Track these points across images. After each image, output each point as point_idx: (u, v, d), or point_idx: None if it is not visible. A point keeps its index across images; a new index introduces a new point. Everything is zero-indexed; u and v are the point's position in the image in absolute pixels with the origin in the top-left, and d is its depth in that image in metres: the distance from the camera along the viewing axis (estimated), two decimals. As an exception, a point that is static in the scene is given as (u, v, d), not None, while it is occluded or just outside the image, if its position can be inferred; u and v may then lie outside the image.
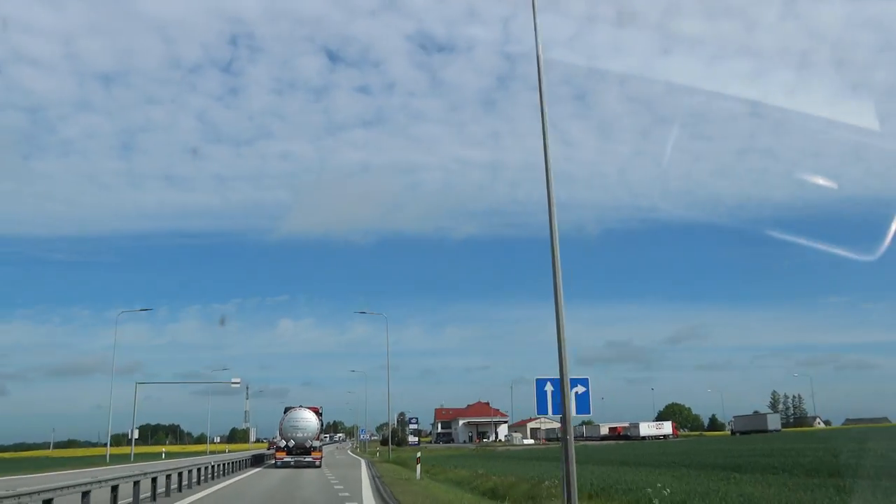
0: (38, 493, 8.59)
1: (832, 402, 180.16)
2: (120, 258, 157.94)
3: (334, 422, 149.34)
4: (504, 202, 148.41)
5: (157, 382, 52.48)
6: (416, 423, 74.05)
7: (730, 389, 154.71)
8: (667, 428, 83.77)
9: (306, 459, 31.04)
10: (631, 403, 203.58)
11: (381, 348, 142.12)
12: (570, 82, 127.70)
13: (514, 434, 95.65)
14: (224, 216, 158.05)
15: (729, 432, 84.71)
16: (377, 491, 16.89)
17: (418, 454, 23.19)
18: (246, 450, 62.99)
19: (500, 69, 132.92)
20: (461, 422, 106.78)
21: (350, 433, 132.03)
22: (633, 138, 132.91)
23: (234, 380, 56.96)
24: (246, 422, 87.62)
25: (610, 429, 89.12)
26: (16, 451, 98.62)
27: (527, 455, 39.89)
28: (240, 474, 25.84)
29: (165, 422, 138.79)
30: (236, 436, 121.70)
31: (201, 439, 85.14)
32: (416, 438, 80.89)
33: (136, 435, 50.03)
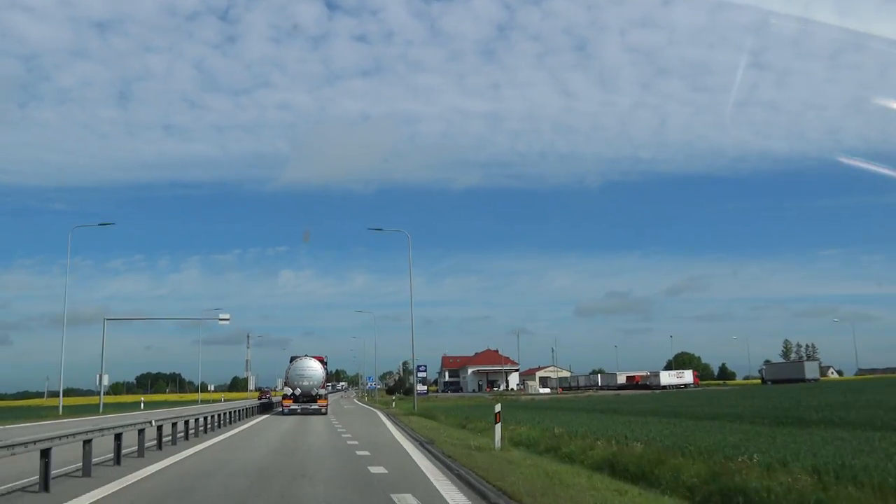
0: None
1: (834, 353, 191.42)
2: (120, 209, 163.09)
3: (336, 371, 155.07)
4: (504, 153, 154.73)
5: (126, 318, 52.23)
6: (425, 370, 74.22)
7: (731, 340, 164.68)
8: (688, 377, 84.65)
9: (312, 407, 33.50)
10: (632, 354, 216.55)
11: (382, 299, 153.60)
12: (570, 32, 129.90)
13: (529, 383, 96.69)
14: (223, 166, 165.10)
15: (759, 381, 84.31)
16: (461, 481, 9.07)
17: (497, 408, 13.32)
18: (244, 398, 66.54)
19: (500, 18, 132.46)
20: (470, 370, 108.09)
21: (352, 382, 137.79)
22: (634, 90, 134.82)
23: (222, 316, 48.44)
24: (247, 370, 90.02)
25: (627, 377, 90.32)
26: (18, 399, 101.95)
27: (565, 405, 36.10)
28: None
29: (167, 371, 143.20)
30: (238, 384, 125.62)
31: (202, 388, 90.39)
32: (425, 387, 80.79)
33: (106, 381, 43.51)
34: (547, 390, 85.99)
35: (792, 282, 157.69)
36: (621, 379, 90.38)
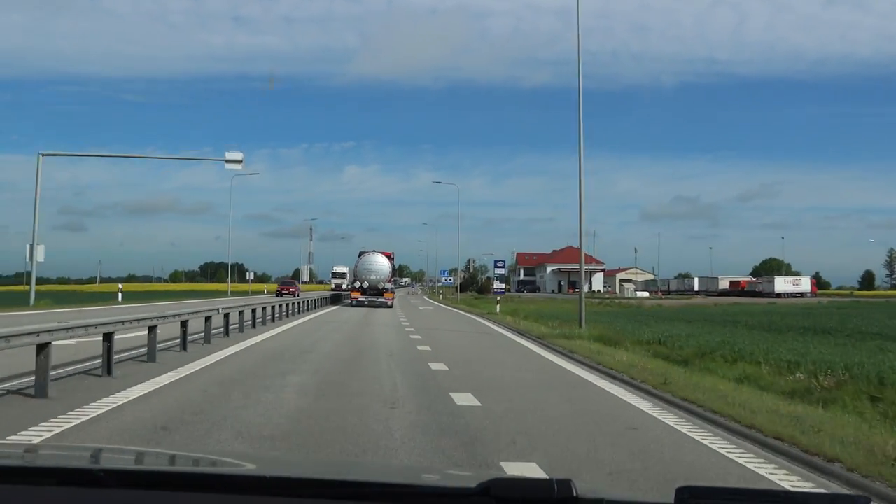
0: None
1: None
2: (190, 100, 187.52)
3: (399, 266, 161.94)
4: (575, 52, 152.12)
5: (66, 154, 53.18)
6: (503, 266, 72.52)
7: (799, 249, 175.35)
8: (805, 284, 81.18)
9: (379, 300, 38.14)
10: (701, 259, 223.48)
11: (446, 197, 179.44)
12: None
13: (626, 284, 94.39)
14: (292, 60, 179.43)
15: (854, 291, 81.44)
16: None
17: None
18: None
19: None
20: (549, 268, 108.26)
21: (416, 278, 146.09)
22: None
23: (230, 156, 34.73)
24: (309, 263, 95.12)
25: (731, 283, 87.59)
26: (87, 284, 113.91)
27: (688, 315, 31.28)
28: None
29: (231, 261, 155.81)
30: (299, 276, 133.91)
31: (263, 278, 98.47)
32: (503, 286, 79.87)
33: (39, 257, 31.33)
34: (645, 294, 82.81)
35: (868, 192, 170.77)
36: (723, 284, 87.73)
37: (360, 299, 38.07)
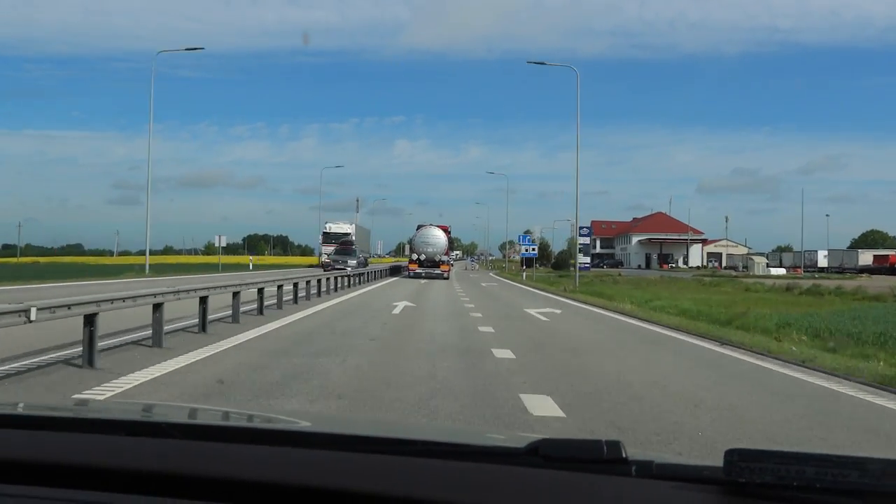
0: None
1: None
2: (243, 76, 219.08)
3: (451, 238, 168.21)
4: (631, 21, 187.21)
5: None
6: (588, 234, 68.48)
7: (866, 223, 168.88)
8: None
9: (435, 272, 44.53)
10: (764, 233, 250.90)
11: (497, 171, 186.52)
12: None
13: (756, 259, 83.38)
14: (343, 34, 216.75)
15: None
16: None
17: None
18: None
19: None
20: (635, 239, 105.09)
21: (467, 251, 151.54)
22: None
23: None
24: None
25: (876, 257, 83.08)
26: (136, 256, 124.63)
27: None
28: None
29: (276, 234, 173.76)
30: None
31: (306, 251, 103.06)
32: (587, 259, 72.13)
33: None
34: (781, 271, 74.50)
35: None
36: (864, 259, 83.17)
37: (416, 271, 44.64)
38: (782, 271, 73.76)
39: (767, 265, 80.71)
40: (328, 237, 57.50)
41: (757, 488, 1.07)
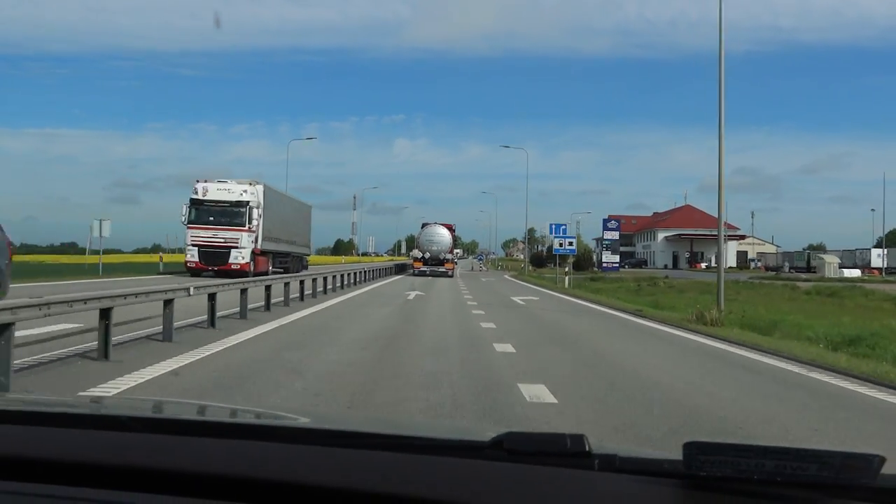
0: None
1: None
2: (243, 75, 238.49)
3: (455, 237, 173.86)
4: (632, 21, 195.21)
5: None
6: (616, 229, 67.11)
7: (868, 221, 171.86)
8: None
9: (440, 270, 47.82)
10: (761, 231, 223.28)
11: (497, 170, 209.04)
12: None
13: (828, 260, 77.25)
14: (343, 33, 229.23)
15: None
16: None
17: None
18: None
19: None
20: (661, 235, 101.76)
21: (468, 250, 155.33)
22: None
23: None
24: (353, 234, 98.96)
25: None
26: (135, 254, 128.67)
27: None
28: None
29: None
30: (340, 248, 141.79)
31: None
32: (616, 258, 66.90)
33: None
34: (856, 272, 69.76)
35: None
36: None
37: (421, 269, 48.23)
38: (857, 273, 69.91)
39: (840, 266, 76.42)
40: (202, 211, 32.77)
41: (717, 482, 1.14)
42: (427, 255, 49.22)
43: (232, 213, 32.29)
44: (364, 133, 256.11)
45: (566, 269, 42.19)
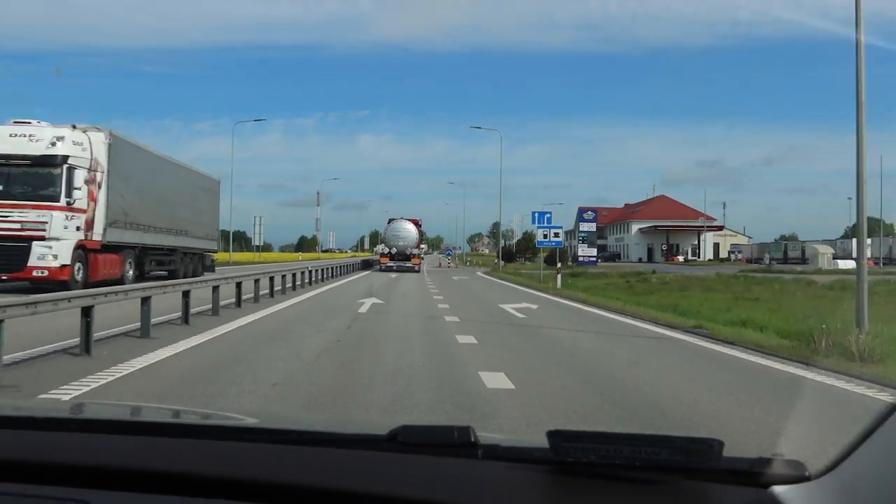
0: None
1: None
2: (207, 71, 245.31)
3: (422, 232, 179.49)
4: (594, 16, 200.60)
5: None
6: (593, 220, 66.00)
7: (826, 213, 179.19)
8: None
9: (406, 265, 49.03)
10: (738, 223, 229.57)
11: (461, 165, 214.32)
12: None
13: (821, 250, 74.78)
14: (306, 28, 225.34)
15: None
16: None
17: None
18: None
19: None
20: (635, 227, 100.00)
21: (432, 245, 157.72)
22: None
23: None
24: (317, 230, 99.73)
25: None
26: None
27: None
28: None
29: (241, 229, 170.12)
30: (304, 244, 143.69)
31: (266, 248, 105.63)
32: (594, 251, 66.43)
33: None
34: (850, 263, 62.74)
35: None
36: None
37: (388, 264, 49.37)
38: (851, 263, 66.88)
39: (834, 256, 73.69)
40: None
41: (584, 467, 1.32)
42: (393, 250, 50.58)
43: (33, 179, 20.18)
44: (329, 129, 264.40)
45: (558, 266, 37.76)
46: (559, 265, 38.63)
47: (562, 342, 12.80)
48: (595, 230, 67.91)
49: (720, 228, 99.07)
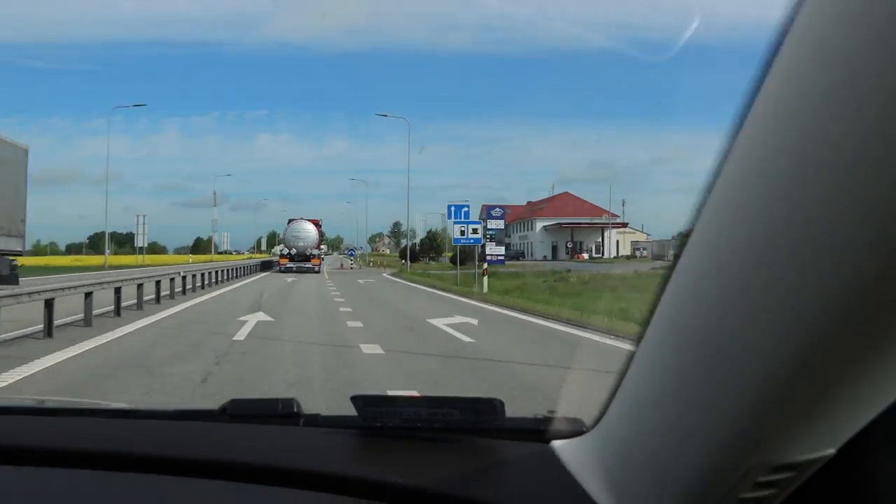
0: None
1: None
2: (99, 66, 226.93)
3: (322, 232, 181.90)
4: (493, 16, 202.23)
5: None
6: (501, 216, 60.17)
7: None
8: None
9: (306, 265, 49.03)
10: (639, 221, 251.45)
11: (361, 165, 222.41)
12: None
13: None
14: (204, 25, 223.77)
15: None
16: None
17: None
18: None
19: None
20: (540, 224, 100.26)
21: (332, 245, 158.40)
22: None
23: None
24: (214, 231, 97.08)
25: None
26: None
27: None
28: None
29: (127, 231, 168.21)
30: (200, 246, 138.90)
31: (155, 249, 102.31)
32: (501, 249, 50.80)
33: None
34: None
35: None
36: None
37: (287, 265, 49.33)
38: None
39: None
40: None
41: (391, 430, 1.44)
42: (293, 251, 50.73)
43: None
44: (226, 128, 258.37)
45: (484, 267, 34.78)
46: (486, 266, 35.34)
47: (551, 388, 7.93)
48: (503, 228, 66.13)
49: (625, 225, 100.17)
